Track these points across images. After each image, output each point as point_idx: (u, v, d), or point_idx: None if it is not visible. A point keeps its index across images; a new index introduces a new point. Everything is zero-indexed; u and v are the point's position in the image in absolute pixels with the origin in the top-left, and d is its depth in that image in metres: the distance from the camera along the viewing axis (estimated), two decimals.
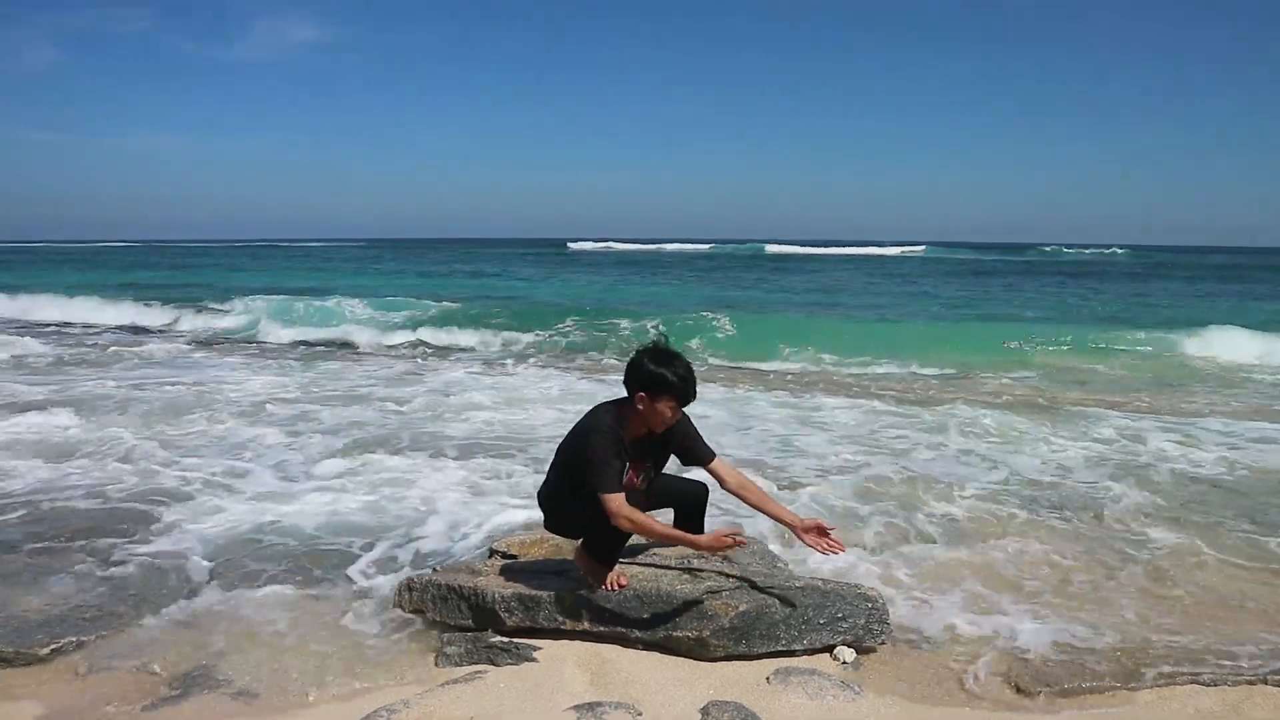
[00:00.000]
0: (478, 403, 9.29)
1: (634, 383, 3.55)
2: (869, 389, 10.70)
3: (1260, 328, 14.75)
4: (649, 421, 3.59)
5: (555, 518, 3.84)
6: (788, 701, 3.25)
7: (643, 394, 3.53)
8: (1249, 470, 6.75)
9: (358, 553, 4.90)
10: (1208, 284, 32.39)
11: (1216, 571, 4.69)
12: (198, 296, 23.35)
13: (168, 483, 6.14)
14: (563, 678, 3.36)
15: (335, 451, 7.10)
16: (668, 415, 3.57)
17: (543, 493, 3.88)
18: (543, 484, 3.90)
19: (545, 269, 40.80)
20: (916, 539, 5.19)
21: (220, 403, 9.15)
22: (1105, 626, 3.97)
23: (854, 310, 21.27)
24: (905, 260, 55.74)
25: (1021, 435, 7.93)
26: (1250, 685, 3.37)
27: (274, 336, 16.43)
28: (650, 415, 3.56)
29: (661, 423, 3.59)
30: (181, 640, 3.85)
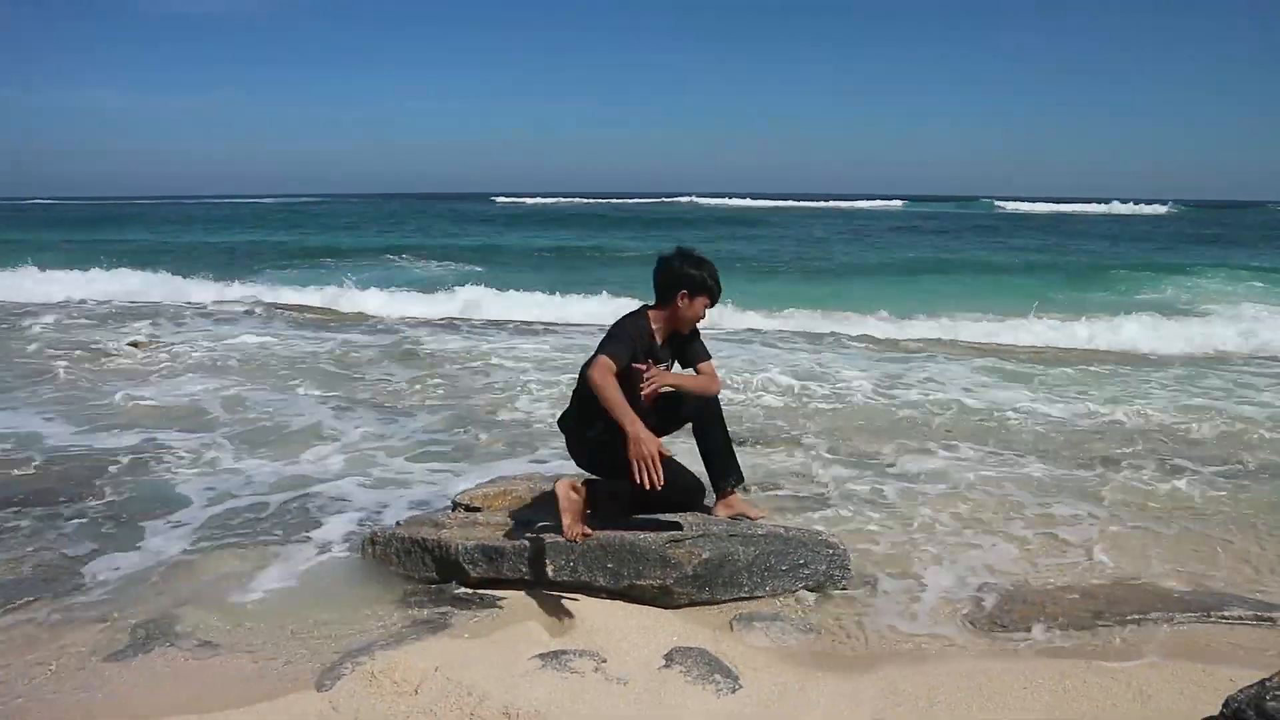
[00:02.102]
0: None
1: (673, 283, 3.79)
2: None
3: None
4: (680, 321, 3.85)
5: (570, 441, 3.97)
6: (751, 646, 3.30)
7: (684, 292, 3.77)
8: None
9: (322, 506, 4.87)
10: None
11: (1177, 514, 4.81)
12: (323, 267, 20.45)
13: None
14: (527, 627, 3.37)
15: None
16: (701, 314, 3.86)
17: (564, 414, 3.99)
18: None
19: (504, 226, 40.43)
20: (876, 482, 5.26)
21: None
22: (1067, 567, 4.07)
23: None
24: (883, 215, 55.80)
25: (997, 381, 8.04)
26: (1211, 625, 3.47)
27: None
28: (686, 313, 3.82)
29: (693, 321, 3.87)
30: (144, 594, 3.82)
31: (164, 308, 13.73)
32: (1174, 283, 17.68)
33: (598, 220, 43.12)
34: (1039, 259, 23.86)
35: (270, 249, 26.66)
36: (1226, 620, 3.46)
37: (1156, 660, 3.18)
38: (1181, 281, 17.92)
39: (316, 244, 28.45)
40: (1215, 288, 16.99)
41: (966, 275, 19.11)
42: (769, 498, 5.01)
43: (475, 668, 3.05)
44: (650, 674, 3.07)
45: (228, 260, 22.18)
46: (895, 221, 43.40)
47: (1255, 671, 2.74)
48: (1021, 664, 3.15)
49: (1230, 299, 15.02)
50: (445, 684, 2.94)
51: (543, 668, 3.06)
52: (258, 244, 28.79)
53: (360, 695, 2.91)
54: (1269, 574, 4.03)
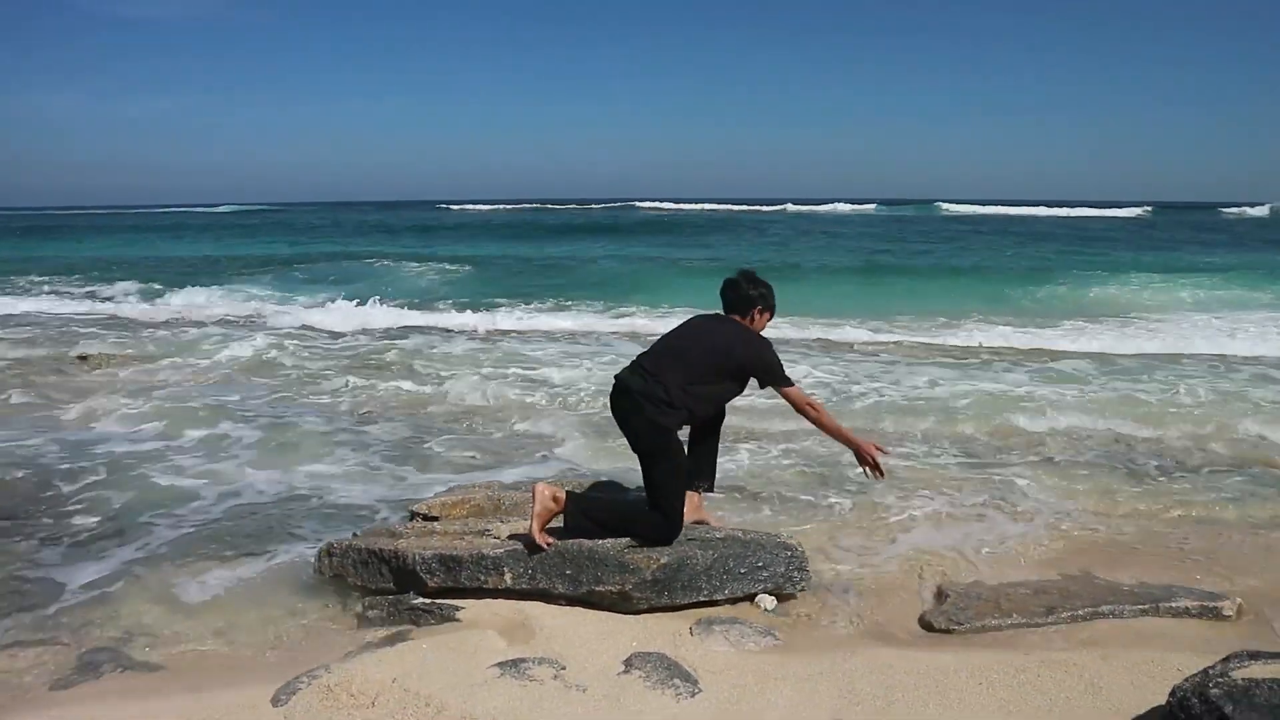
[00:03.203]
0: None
1: (757, 300, 3.98)
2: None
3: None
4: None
5: (678, 407, 3.78)
6: (710, 650, 3.30)
7: (767, 311, 4.02)
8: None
9: (274, 519, 4.81)
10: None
11: (1124, 510, 4.91)
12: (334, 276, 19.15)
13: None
14: (486, 636, 3.35)
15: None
16: (764, 329, 4.05)
17: (665, 382, 3.76)
18: (652, 374, 3.78)
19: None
20: (833, 483, 5.30)
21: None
22: (1019, 563, 4.14)
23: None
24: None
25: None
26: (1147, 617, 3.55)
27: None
28: (759, 328, 4.02)
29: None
30: (92, 616, 3.74)
31: (98, 321, 13.45)
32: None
33: (536, 229, 41.58)
34: (977, 261, 24.05)
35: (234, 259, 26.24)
36: (1174, 612, 3.54)
37: (1108, 652, 3.23)
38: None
39: (294, 253, 27.88)
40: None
41: (910, 278, 19.20)
42: (726, 499, 5.03)
43: (433, 678, 3.02)
44: (609, 680, 3.06)
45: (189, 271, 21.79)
46: (861, 225, 43.65)
47: (1201, 660, 2.81)
48: (977, 660, 3.19)
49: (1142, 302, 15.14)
50: (403, 695, 2.91)
51: (501, 676, 3.05)
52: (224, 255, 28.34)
53: (317, 709, 2.87)
54: (1212, 566, 4.12)
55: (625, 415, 3.84)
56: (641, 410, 3.75)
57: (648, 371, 3.80)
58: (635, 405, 3.77)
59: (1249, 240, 31.96)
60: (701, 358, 3.83)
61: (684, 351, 3.86)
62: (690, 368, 3.81)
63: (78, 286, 17.52)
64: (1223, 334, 11.35)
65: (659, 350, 3.91)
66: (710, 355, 3.84)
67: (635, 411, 3.78)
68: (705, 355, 3.84)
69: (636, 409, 3.76)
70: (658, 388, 3.75)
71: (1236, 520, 4.78)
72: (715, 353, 3.85)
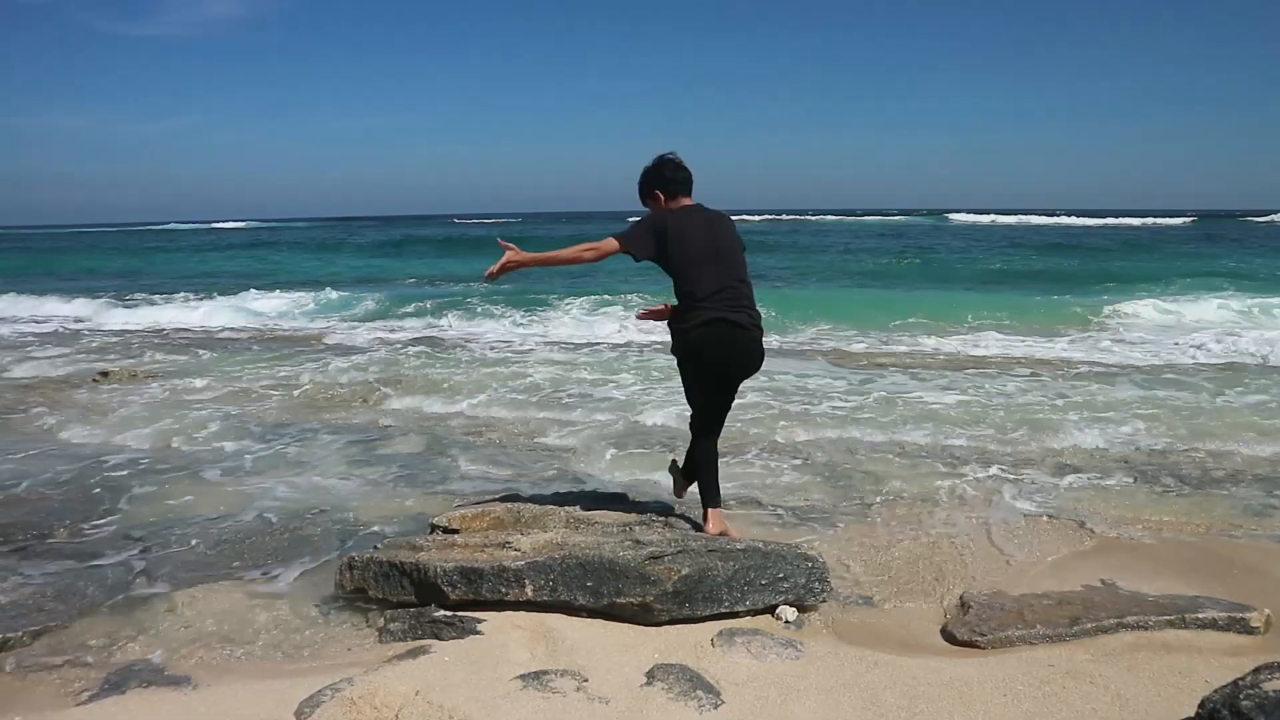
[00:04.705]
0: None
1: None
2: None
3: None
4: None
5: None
6: (732, 662, 3.29)
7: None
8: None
9: (295, 533, 4.83)
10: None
11: (1150, 520, 4.87)
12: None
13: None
14: (508, 648, 3.35)
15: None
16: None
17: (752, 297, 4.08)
18: (749, 302, 4.04)
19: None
20: (854, 498, 5.29)
21: None
22: (1043, 573, 4.11)
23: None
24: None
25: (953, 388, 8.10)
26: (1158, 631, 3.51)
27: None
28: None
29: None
30: (116, 632, 3.76)
31: (116, 333, 13.58)
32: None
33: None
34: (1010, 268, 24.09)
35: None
36: (1200, 623, 3.50)
37: (1134, 664, 3.20)
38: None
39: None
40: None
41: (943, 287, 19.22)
42: (745, 512, 5.02)
43: (456, 691, 3.02)
44: (632, 692, 3.06)
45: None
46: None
47: (1230, 672, 2.78)
48: (1001, 672, 3.17)
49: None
50: (426, 708, 2.91)
51: (524, 689, 3.04)
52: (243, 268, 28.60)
53: None
54: (1239, 577, 4.08)
55: (748, 358, 4.05)
56: (760, 345, 4.06)
57: (744, 299, 3.98)
58: (755, 343, 4.04)
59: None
60: (743, 257, 4.10)
61: (736, 256, 4.06)
62: (745, 268, 4.09)
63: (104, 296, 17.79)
64: (1256, 341, 11.25)
65: (722, 269, 3.98)
66: (741, 250, 4.11)
67: (756, 348, 4.05)
68: (741, 251, 4.10)
69: (757, 347, 4.05)
70: (757, 314, 4.03)
71: (1263, 532, 4.73)
72: (741, 246, 4.13)
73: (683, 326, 4.01)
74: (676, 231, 3.96)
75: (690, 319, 3.97)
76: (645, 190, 4.17)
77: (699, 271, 3.95)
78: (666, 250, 3.96)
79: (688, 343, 4.00)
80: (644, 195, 4.19)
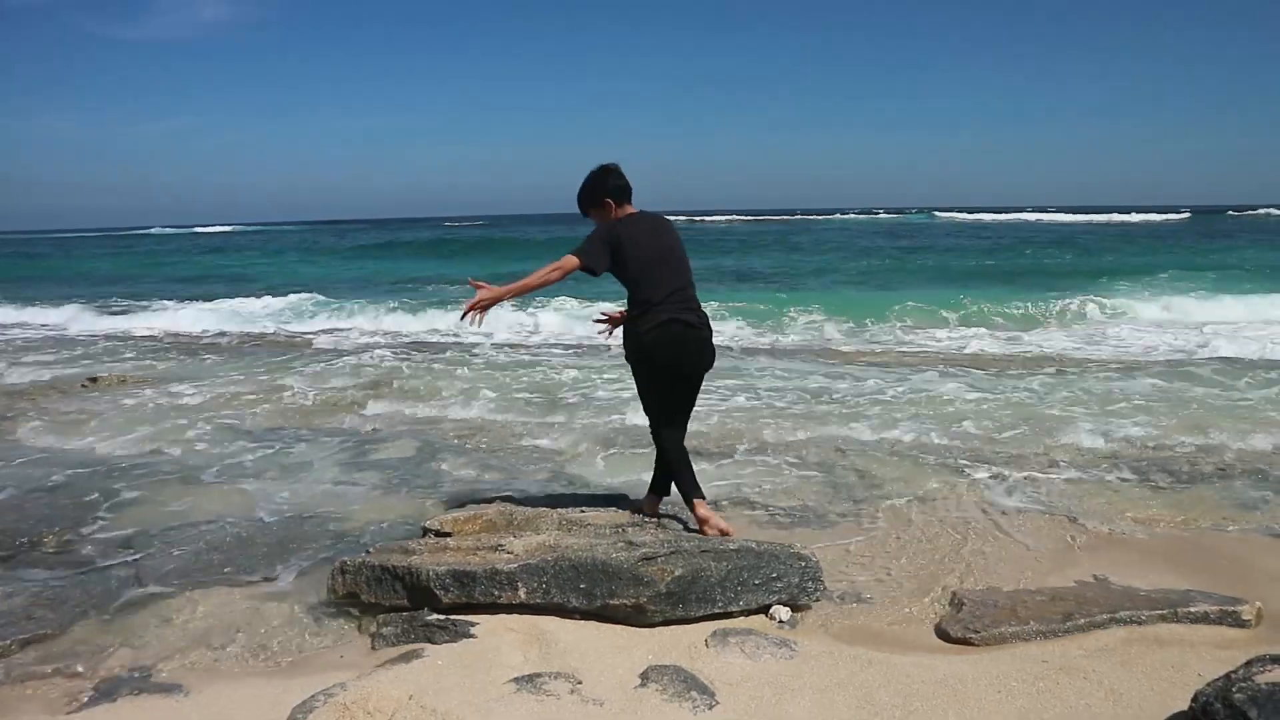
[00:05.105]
0: None
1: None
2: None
3: None
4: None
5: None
6: (726, 662, 3.29)
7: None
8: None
9: (286, 537, 4.80)
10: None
11: (1139, 514, 4.89)
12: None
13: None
14: (501, 651, 3.34)
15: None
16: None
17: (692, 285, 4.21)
18: (695, 303, 4.17)
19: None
20: (847, 497, 5.29)
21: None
22: (1035, 570, 4.13)
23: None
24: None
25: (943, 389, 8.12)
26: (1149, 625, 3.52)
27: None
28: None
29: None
30: (107, 639, 3.74)
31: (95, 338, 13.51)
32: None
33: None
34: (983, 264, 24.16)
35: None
36: (1192, 617, 3.51)
37: (1127, 658, 3.21)
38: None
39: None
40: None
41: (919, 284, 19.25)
42: (738, 512, 5.02)
43: (450, 694, 3.01)
44: (626, 694, 3.05)
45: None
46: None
47: (1222, 666, 2.79)
48: (996, 669, 3.17)
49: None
50: (419, 712, 2.90)
51: (518, 691, 3.03)
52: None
53: None
54: (1229, 570, 4.10)
55: (699, 355, 4.13)
56: (711, 343, 4.16)
57: (692, 301, 4.10)
58: (706, 341, 4.15)
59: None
60: (688, 260, 4.21)
61: (683, 259, 4.17)
62: (690, 270, 4.20)
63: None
64: (1236, 337, 11.33)
65: (673, 270, 4.08)
66: (685, 252, 4.21)
67: (707, 345, 4.15)
68: (685, 254, 4.21)
69: (708, 344, 4.15)
70: (705, 314, 4.13)
71: (1253, 525, 4.76)
72: (684, 249, 4.22)
73: (638, 330, 4.07)
74: (629, 239, 4.03)
75: (646, 322, 4.04)
76: (594, 199, 4.17)
77: (653, 276, 4.05)
78: (622, 259, 4.03)
79: (642, 345, 4.07)
80: (591, 205, 4.19)
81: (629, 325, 4.13)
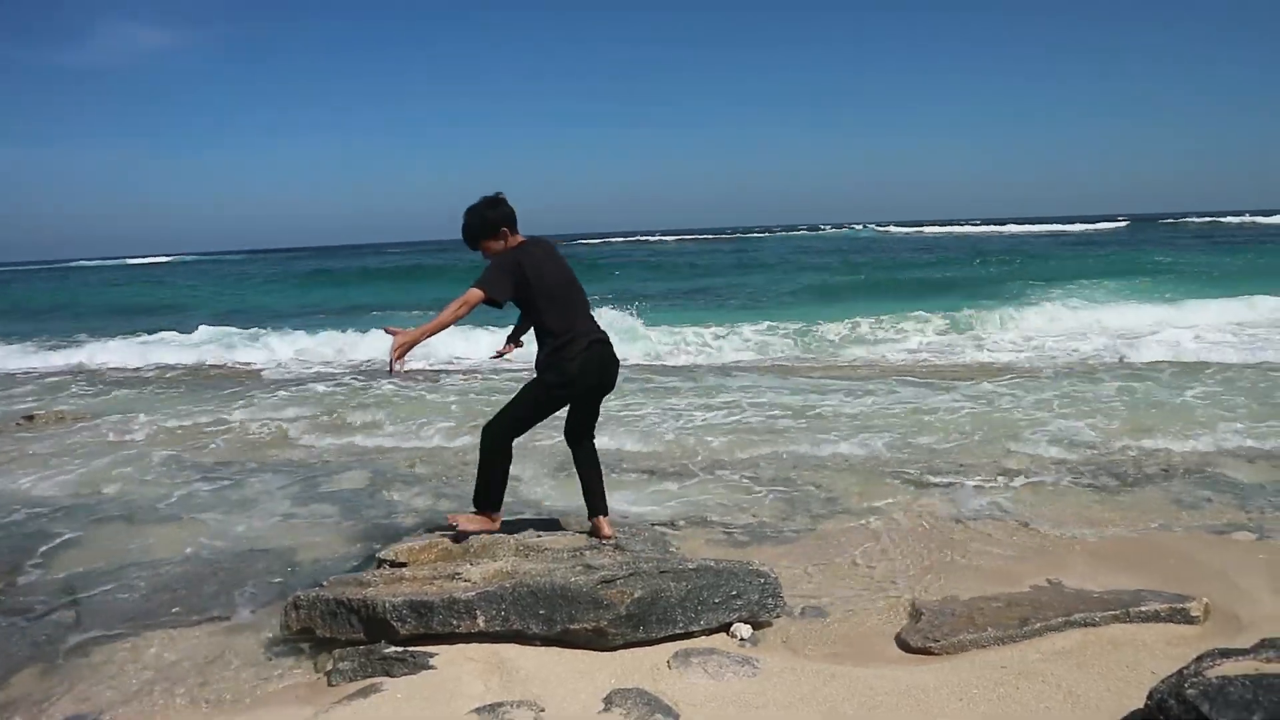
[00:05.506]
0: None
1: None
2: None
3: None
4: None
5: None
6: (689, 682, 3.28)
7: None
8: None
9: (236, 575, 4.69)
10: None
11: (1085, 518, 4.98)
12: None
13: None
14: (461, 682, 3.29)
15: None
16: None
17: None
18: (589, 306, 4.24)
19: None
20: (803, 512, 5.32)
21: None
22: (989, 577, 4.18)
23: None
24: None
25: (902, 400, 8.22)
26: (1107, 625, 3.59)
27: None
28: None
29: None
30: (49, 687, 3.61)
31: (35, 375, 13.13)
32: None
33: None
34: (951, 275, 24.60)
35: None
36: (1144, 616, 3.58)
37: (1083, 660, 3.26)
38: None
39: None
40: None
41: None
42: (696, 530, 5.02)
43: None
44: (591, 719, 3.02)
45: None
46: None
47: (1174, 662, 2.85)
48: (956, 677, 3.20)
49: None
50: None
51: None
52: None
53: None
54: (1177, 567, 4.19)
55: (613, 370, 4.20)
56: (617, 359, 4.22)
57: (594, 319, 4.17)
58: (616, 359, 4.21)
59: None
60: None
61: (578, 282, 4.21)
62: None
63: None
64: (1180, 340, 11.62)
65: (579, 293, 4.16)
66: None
67: (615, 359, 4.21)
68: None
69: (616, 359, 4.21)
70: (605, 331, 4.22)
71: (1195, 524, 4.87)
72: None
73: (565, 358, 4.03)
74: (531, 265, 4.00)
75: (572, 349, 4.03)
76: (491, 230, 4.06)
77: (566, 301, 4.07)
78: (527, 286, 3.99)
79: (568, 372, 4.04)
80: (487, 236, 4.08)
81: (551, 355, 4.04)
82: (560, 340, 4.02)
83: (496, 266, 3.98)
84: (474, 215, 4.06)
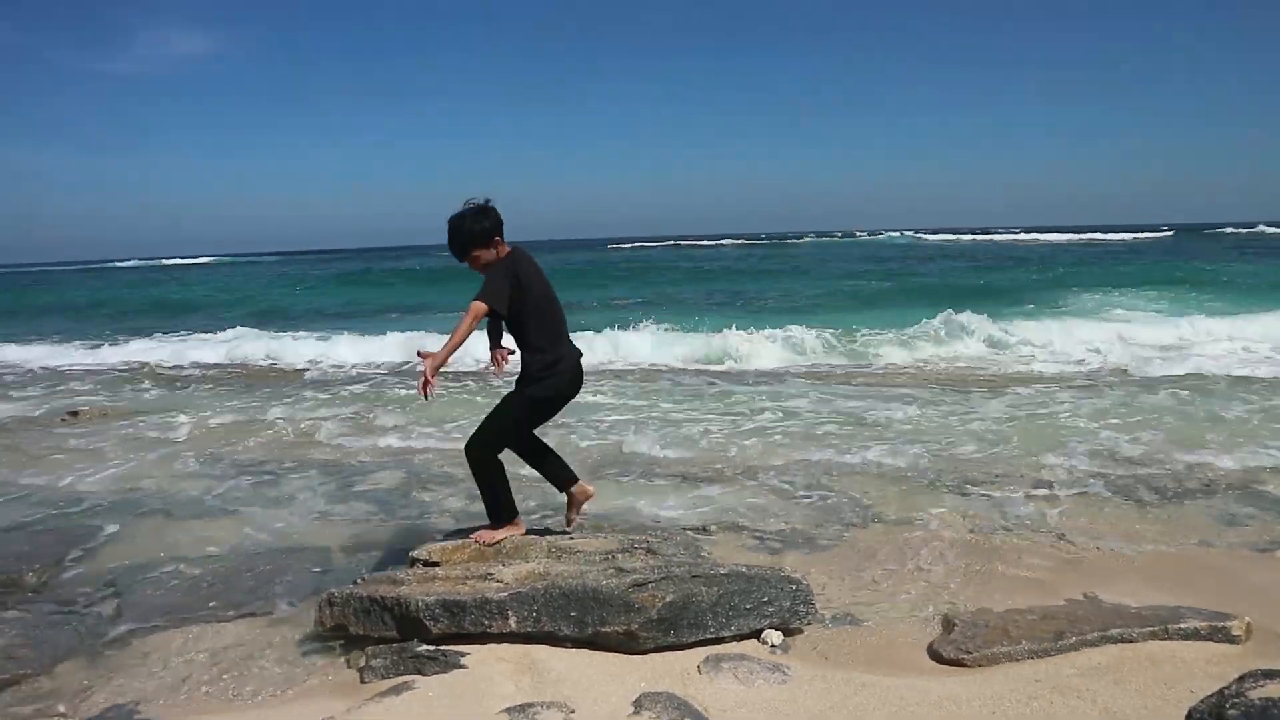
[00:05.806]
0: None
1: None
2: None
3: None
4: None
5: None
6: (719, 688, 3.27)
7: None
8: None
9: (272, 571, 4.75)
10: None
11: (1125, 532, 4.90)
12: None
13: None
14: (493, 682, 3.31)
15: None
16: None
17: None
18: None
19: None
20: (836, 520, 5.29)
21: None
22: (1026, 590, 4.12)
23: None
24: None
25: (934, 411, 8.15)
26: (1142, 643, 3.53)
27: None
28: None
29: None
30: (90, 678, 3.68)
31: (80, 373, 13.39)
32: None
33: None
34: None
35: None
36: (1183, 633, 3.52)
37: (1120, 676, 3.21)
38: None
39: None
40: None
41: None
42: (728, 535, 5.01)
43: None
44: None
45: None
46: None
47: (1214, 682, 2.79)
48: (989, 689, 3.17)
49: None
50: None
51: None
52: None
53: None
54: (1218, 585, 4.11)
55: (580, 382, 4.21)
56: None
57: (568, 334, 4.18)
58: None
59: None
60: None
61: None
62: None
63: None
64: (1228, 353, 11.42)
65: (560, 307, 4.12)
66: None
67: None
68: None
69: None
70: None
71: (1238, 541, 4.78)
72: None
73: (558, 371, 4.05)
74: (524, 275, 3.97)
75: (563, 365, 4.06)
76: (485, 239, 3.98)
77: (551, 315, 4.06)
78: (520, 297, 3.95)
79: (560, 387, 4.09)
80: (481, 245, 3.99)
81: (544, 370, 4.04)
82: (551, 356, 4.03)
83: (496, 276, 3.93)
84: (466, 224, 3.97)
